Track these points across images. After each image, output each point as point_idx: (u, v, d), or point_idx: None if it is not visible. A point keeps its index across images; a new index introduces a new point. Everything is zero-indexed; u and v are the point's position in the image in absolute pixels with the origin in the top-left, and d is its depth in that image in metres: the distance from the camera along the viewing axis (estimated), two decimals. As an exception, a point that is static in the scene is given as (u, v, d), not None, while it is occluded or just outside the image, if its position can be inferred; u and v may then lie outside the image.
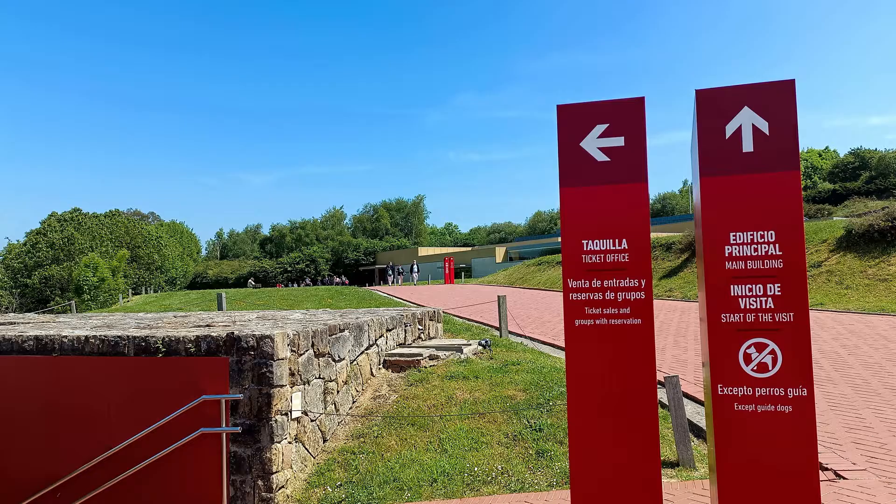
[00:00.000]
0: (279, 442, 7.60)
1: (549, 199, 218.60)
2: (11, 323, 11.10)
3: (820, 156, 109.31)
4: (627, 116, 4.79)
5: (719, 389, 4.43)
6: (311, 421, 8.36)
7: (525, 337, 15.74)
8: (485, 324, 18.47)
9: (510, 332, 16.26)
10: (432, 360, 11.28)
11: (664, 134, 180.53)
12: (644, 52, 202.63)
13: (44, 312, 44.95)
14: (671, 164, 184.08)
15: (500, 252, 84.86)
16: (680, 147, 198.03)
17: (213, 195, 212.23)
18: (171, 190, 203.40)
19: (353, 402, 9.65)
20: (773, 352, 4.36)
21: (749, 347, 4.39)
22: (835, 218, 47.85)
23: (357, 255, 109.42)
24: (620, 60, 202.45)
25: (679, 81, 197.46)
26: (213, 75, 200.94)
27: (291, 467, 7.82)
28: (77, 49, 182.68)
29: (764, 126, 4.47)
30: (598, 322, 4.75)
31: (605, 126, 4.82)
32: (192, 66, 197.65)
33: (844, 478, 6.70)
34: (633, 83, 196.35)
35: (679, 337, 14.99)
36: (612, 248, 4.76)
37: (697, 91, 4.59)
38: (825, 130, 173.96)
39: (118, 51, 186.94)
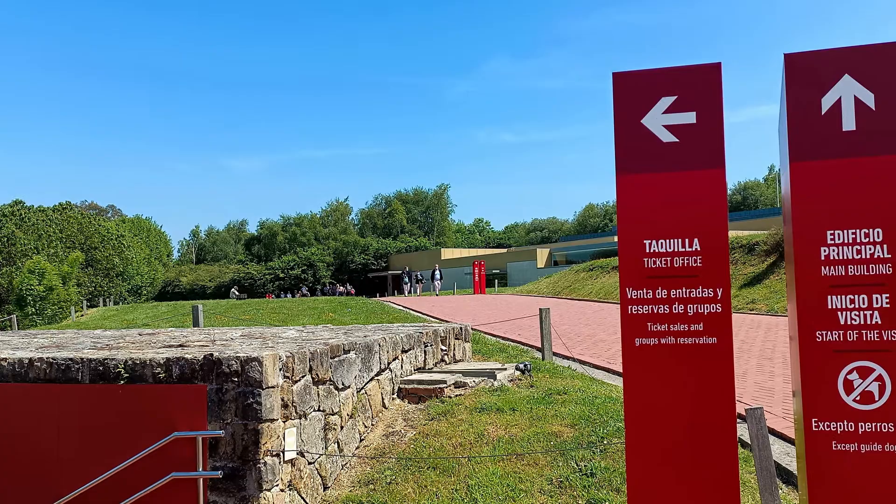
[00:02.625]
0: (269, 489, 7.66)
1: (602, 190, 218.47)
2: (-58, 342, 11.24)
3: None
4: (700, 87, 4.83)
5: (814, 425, 4.42)
6: (309, 464, 8.42)
7: (573, 359, 15.73)
8: (524, 343, 18.46)
9: (555, 354, 16.24)
10: (458, 388, 11.32)
11: (745, 109, 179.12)
12: (719, 7, 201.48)
13: (-21, 329, 45.44)
14: (754, 147, 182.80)
15: (542, 255, 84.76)
16: (765, 125, 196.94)
17: (187, 184, 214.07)
18: (135, 178, 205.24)
19: (361, 441, 9.71)
20: (880, 378, 4.35)
21: (850, 373, 4.39)
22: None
23: (365, 259, 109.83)
24: (689, 18, 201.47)
25: (763, 44, 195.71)
26: (190, 36, 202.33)
27: (285, 520, 7.88)
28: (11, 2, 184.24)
29: (869, 99, 4.47)
30: (663, 341, 4.80)
31: (672, 99, 4.86)
32: (163, 25, 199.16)
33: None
34: (706, 46, 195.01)
35: (764, 360, 14.93)
36: (681, 249, 4.81)
37: (786, 55, 4.61)
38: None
39: (67, 3, 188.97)
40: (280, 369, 8.01)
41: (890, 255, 4.36)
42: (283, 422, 7.97)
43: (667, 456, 4.75)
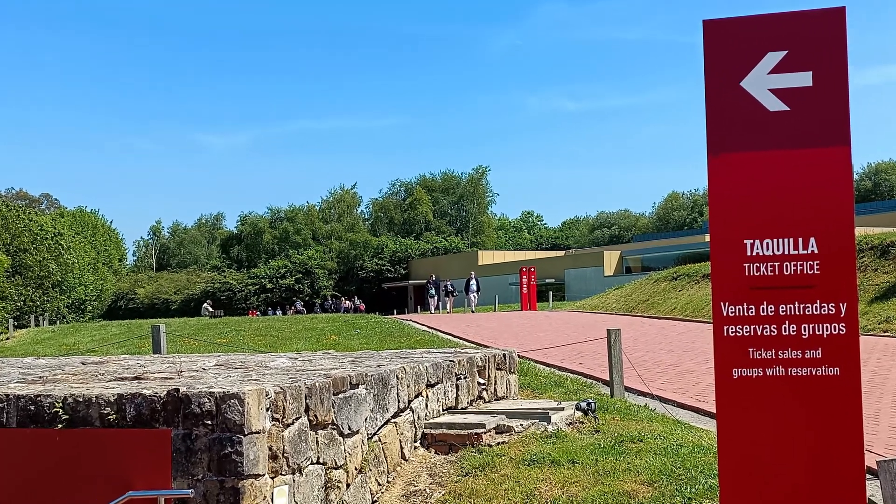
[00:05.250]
0: (254, 566, 7.69)
1: (690, 174, 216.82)
2: None
3: None
4: (818, 38, 4.84)
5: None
6: (305, 532, 8.44)
7: (651, 396, 15.70)
8: (586, 375, 18.49)
9: (627, 389, 16.24)
10: (501, 433, 11.32)
11: (872, 68, 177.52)
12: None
13: None
14: (886, 118, 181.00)
15: (611, 259, 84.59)
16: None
17: (147, 167, 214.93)
18: (76, 159, 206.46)
19: (374, 503, 9.73)
20: None
21: None
22: None
23: (379, 264, 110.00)
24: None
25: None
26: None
27: None
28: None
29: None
30: (769, 372, 4.82)
31: (781, 55, 4.88)
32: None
33: None
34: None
35: (904, 397, 14.87)
36: (792, 252, 4.83)
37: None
38: None
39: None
40: (267, 409, 8.01)
41: None
42: (272, 478, 7.99)
43: (775, 524, 4.74)
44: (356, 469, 9.48)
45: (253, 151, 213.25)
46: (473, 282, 58.54)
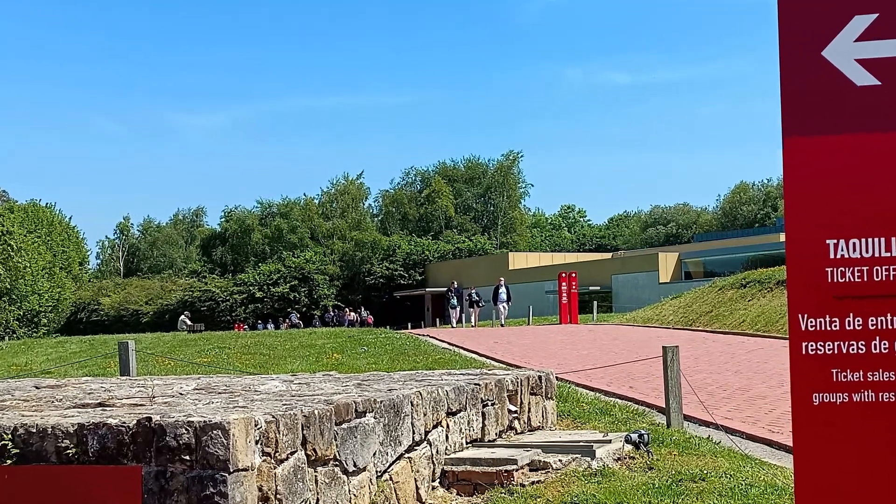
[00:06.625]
0: None
1: (761, 162, 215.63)
2: None
3: None
4: (916, -2, 4.83)
5: None
6: (302, 589, 8.46)
7: (716, 426, 15.67)
8: (638, 401, 18.58)
9: (687, 418, 16.27)
10: (536, 471, 11.30)
11: None
12: None
13: None
14: None
15: (667, 262, 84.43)
16: None
17: (112, 153, 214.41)
18: (29, 143, 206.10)
19: (382, 554, 9.74)
20: None
21: None
22: None
23: (390, 269, 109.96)
24: None
25: None
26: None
27: None
28: None
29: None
30: (856, 398, 4.80)
31: (870, 18, 4.87)
32: None
33: None
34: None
35: None
36: (884, 254, 4.81)
37: None
38: None
39: None
40: (257, 442, 8.02)
41: None
42: (262, 524, 8.01)
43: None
44: (363, 514, 9.49)
45: (238, 134, 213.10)
46: (503, 290, 58.42)
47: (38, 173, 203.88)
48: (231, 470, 7.69)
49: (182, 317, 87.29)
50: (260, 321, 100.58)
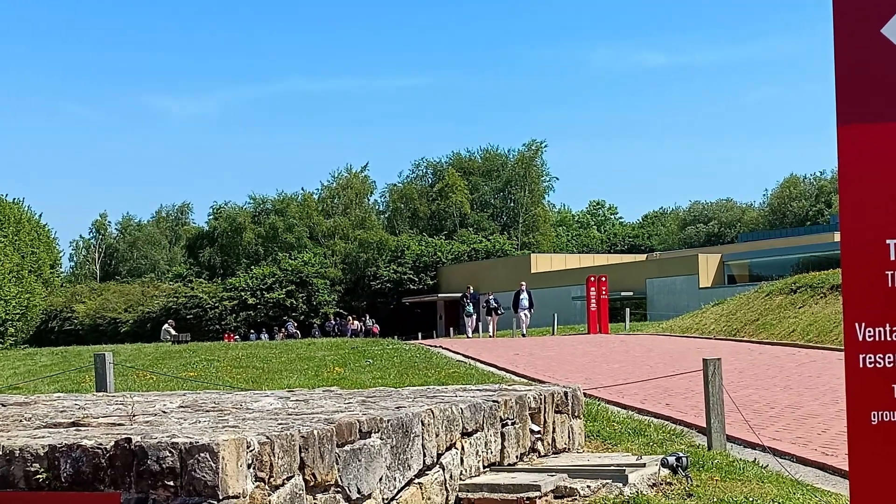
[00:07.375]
0: None
1: (814, 152, 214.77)
2: None
3: None
4: None
5: None
6: None
7: (763, 448, 15.67)
8: (675, 420, 18.61)
9: (730, 439, 16.26)
10: (562, 497, 11.07)
11: None
12: None
13: None
14: None
15: (708, 265, 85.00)
16: None
17: (87, 143, 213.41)
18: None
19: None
20: None
21: None
22: None
23: (398, 272, 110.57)
24: None
25: None
26: None
27: None
28: None
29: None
30: (921, 416, 4.74)
31: (938, -11, 4.75)
32: None
33: None
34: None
35: None
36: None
37: None
38: None
39: None
40: (249, 466, 7.84)
41: None
42: (255, 560, 7.90)
43: None
44: (367, 546, 9.44)
45: (227, 121, 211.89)
46: (524, 295, 58.69)
47: (4, 166, 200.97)
48: (220, 497, 7.51)
49: (166, 326, 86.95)
50: (252, 331, 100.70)
